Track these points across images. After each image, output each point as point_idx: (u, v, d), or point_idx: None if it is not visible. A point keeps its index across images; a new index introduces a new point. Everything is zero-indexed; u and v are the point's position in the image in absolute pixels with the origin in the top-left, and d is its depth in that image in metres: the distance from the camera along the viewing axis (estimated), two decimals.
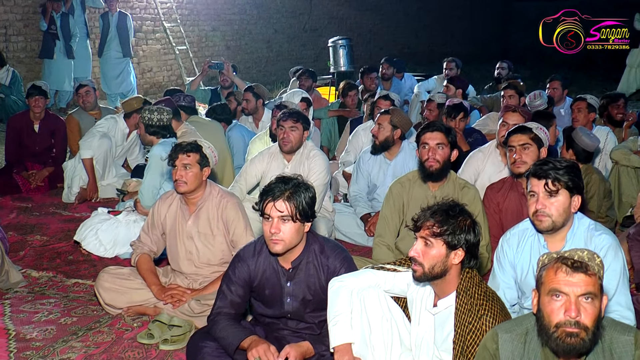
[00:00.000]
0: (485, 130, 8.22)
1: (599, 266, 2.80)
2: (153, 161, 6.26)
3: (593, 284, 2.76)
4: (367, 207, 6.55)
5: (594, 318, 2.76)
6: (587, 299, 2.75)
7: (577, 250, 2.84)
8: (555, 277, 2.80)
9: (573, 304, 2.75)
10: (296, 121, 6.13)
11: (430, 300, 3.59)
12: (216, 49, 16.83)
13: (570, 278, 2.76)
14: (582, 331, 2.75)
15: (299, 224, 3.82)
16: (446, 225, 3.37)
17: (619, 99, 8.35)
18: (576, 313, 2.74)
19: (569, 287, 2.76)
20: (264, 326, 4.14)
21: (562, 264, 2.80)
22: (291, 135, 6.14)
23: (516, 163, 5.12)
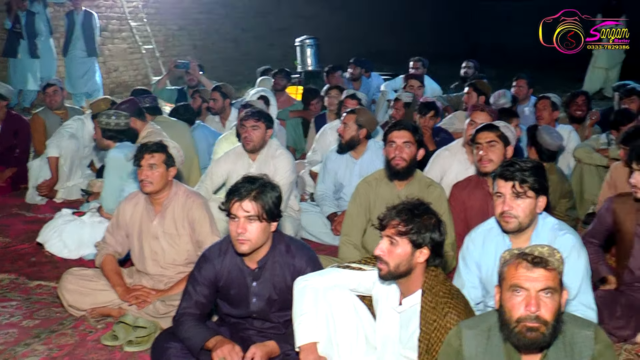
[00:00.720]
0: (452, 129, 8.25)
1: (559, 261, 2.84)
2: (110, 165, 6.17)
3: (553, 279, 2.80)
4: (334, 206, 6.55)
5: (554, 312, 2.80)
6: (547, 294, 2.78)
7: (537, 246, 2.88)
8: (516, 272, 2.83)
9: (533, 299, 2.78)
10: (257, 120, 6.11)
11: (395, 298, 3.60)
12: (183, 49, 16.75)
13: (531, 273, 2.79)
14: (542, 325, 2.78)
15: (266, 223, 3.81)
16: (411, 224, 3.39)
17: (579, 95, 8.44)
18: (536, 308, 2.77)
19: (529, 283, 2.79)
20: (230, 326, 4.13)
21: (522, 259, 2.83)
22: (253, 134, 6.12)
23: (482, 161, 5.15)
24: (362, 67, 11.65)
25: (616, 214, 4.67)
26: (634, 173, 4.43)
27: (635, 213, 4.54)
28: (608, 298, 4.54)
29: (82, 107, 11.18)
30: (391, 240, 3.40)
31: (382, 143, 5.74)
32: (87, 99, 12.67)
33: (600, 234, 4.89)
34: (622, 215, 4.63)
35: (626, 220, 4.61)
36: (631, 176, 4.47)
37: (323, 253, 5.90)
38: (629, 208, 4.60)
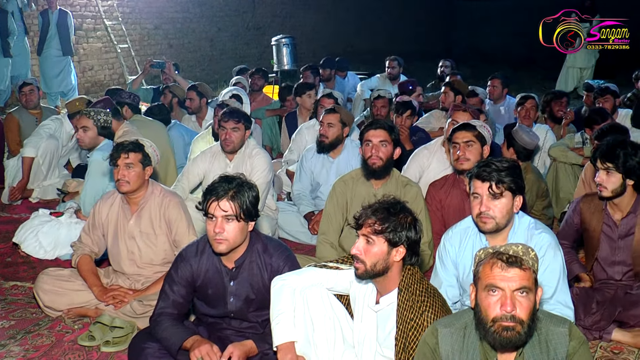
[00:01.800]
0: (429, 128, 8.29)
1: (534, 260, 2.86)
2: (93, 168, 6.14)
3: (527, 278, 2.82)
4: (311, 206, 6.55)
5: (529, 311, 2.82)
6: (522, 293, 2.80)
7: (512, 245, 2.89)
8: (491, 272, 2.85)
9: (509, 299, 2.79)
10: (238, 121, 6.10)
11: (372, 297, 3.61)
12: (158, 48, 16.67)
13: (505, 273, 2.81)
14: (518, 325, 2.80)
15: (243, 223, 3.82)
16: (387, 222, 3.40)
17: (563, 96, 8.52)
18: (511, 307, 2.79)
19: (504, 282, 2.81)
20: (207, 326, 4.12)
21: (497, 259, 2.85)
22: (233, 135, 6.11)
23: (459, 160, 5.18)
24: (332, 68, 11.64)
25: (583, 213, 4.73)
26: (598, 172, 4.49)
27: (600, 212, 4.60)
28: (583, 295, 4.59)
29: (56, 107, 11.10)
30: (367, 239, 3.41)
31: (359, 142, 5.76)
32: (61, 98, 12.60)
33: (570, 235, 4.95)
34: (589, 215, 4.69)
35: (592, 219, 4.67)
36: (596, 175, 4.53)
37: (300, 252, 5.92)
38: (595, 207, 4.67)
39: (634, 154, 4.43)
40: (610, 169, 4.40)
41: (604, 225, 4.59)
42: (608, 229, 4.58)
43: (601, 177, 4.46)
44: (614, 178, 4.42)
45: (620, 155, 4.38)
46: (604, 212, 4.60)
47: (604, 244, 4.62)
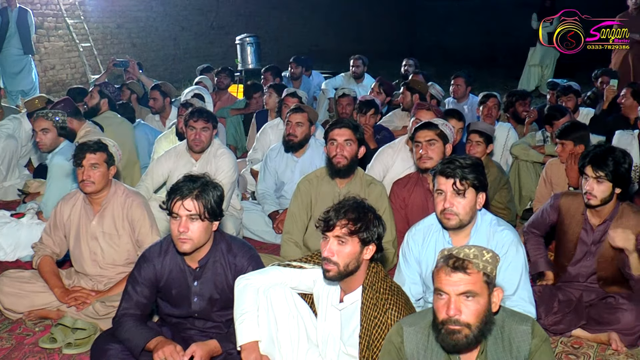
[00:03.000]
0: (391, 126, 8.32)
1: (487, 262, 2.86)
2: (55, 172, 6.05)
3: (473, 283, 2.82)
4: (275, 205, 6.54)
5: (478, 315, 2.83)
6: (467, 297, 2.81)
7: (465, 247, 2.90)
8: (438, 276, 2.87)
9: (453, 303, 2.81)
10: (207, 121, 6.09)
11: (336, 296, 3.62)
12: (122, 47, 16.52)
13: (450, 278, 2.83)
14: (465, 328, 2.82)
15: (207, 222, 3.81)
16: (360, 222, 3.41)
17: (527, 97, 8.61)
18: (455, 311, 2.81)
19: (449, 287, 2.83)
20: (171, 326, 4.10)
21: (444, 263, 2.86)
22: (203, 135, 6.10)
23: (422, 158, 5.21)
24: (302, 66, 11.66)
25: (562, 213, 4.72)
26: (587, 179, 4.41)
27: (580, 216, 4.59)
28: (546, 293, 4.64)
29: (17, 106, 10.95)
30: (340, 241, 3.42)
31: (323, 141, 5.76)
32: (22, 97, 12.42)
33: (543, 226, 4.96)
34: (569, 217, 4.68)
35: (572, 222, 4.66)
36: (585, 182, 4.44)
37: (265, 251, 5.92)
38: (575, 210, 4.64)
39: (623, 161, 4.39)
40: (601, 177, 4.36)
41: (582, 231, 4.58)
42: (584, 233, 4.58)
43: (591, 185, 4.39)
44: (604, 187, 4.38)
45: (610, 164, 4.34)
46: (583, 217, 4.58)
47: (580, 249, 4.63)
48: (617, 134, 7.10)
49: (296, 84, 11.30)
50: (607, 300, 4.54)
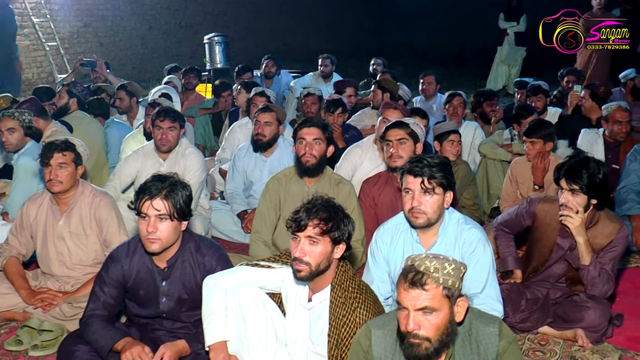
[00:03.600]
0: (361, 125, 8.35)
1: (449, 275, 2.82)
2: (21, 172, 5.98)
3: (432, 298, 2.79)
4: (244, 204, 6.53)
5: (437, 329, 2.82)
6: (426, 313, 2.80)
7: (427, 259, 2.85)
8: (398, 289, 2.86)
9: (411, 319, 2.80)
10: (174, 121, 6.07)
11: (305, 295, 3.62)
12: (89, 46, 16.38)
13: (407, 294, 2.81)
14: (425, 341, 2.81)
15: (176, 222, 3.80)
16: (331, 221, 3.42)
17: (494, 97, 8.67)
18: (414, 326, 2.80)
19: (407, 302, 2.81)
20: (139, 327, 4.08)
21: (403, 277, 2.84)
22: (169, 135, 6.07)
23: (393, 157, 5.23)
24: (278, 65, 11.64)
25: (538, 219, 4.71)
26: (562, 192, 4.41)
27: (557, 223, 4.56)
28: (513, 291, 4.67)
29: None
30: (312, 241, 3.42)
31: (291, 140, 5.76)
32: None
33: (515, 228, 4.96)
34: (544, 225, 4.67)
35: (547, 230, 4.65)
36: (560, 194, 4.43)
37: (233, 251, 5.91)
38: (552, 217, 4.62)
39: (598, 172, 4.37)
40: (575, 190, 4.35)
41: (559, 238, 4.58)
42: (561, 240, 4.57)
43: (566, 197, 4.38)
44: (579, 199, 4.36)
45: (585, 176, 4.32)
46: (561, 224, 4.55)
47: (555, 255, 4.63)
48: (582, 133, 7.20)
49: (268, 83, 11.28)
50: (573, 298, 4.58)
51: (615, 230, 4.43)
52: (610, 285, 4.45)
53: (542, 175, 6.05)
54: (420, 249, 3.97)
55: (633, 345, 4.51)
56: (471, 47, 20.44)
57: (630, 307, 5.04)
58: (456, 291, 2.86)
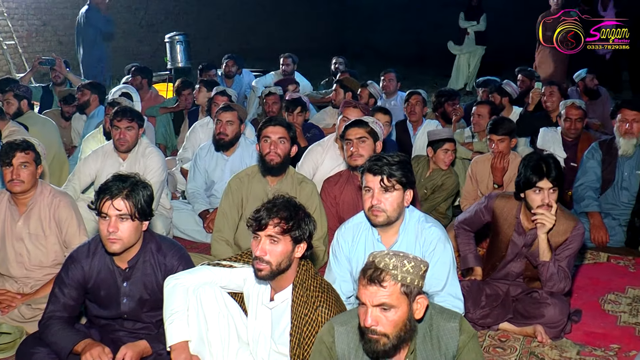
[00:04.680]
0: (322, 124, 8.37)
1: (408, 273, 2.84)
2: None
3: (390, 295, 2.82)
4: (206, 204, 6.51)
5: (395, 325, 2.84)
6: (384, 309, 2.83)
7: (387, 256, 2.87)
8: (359, 285, 2.88)
9: (369, 315, 2.83)
10: (131, 120, 6.02)
11: (267, 294, 3.63)
12: (48, 44, 16.16)
13: (366, 290, 2.84)
14: (383, 337, 2.84)
15: (137, 222, 3.78)
16: (292, 221, 3.43)
17: (455, 97, 8.73)
18: (372, 322, 2.83)
19: (365, 298, 2.84)
20: (99, 328, 4.04)
21: (362, 274, 2.87)
22: (127, 135, 6.02)
23: (353, 156, 5.24)
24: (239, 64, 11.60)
25: (495, 215, 4.75)
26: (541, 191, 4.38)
27: (513, 218, 4.63)
28: (474, 288, 4.71)
29: None
30: (272, 240, 3.42)
31: (253, 139, 5.76)
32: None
33: (475, 225, 5.01)
34: (502, 219, 4.71)
35: (504, 225, 4.70)
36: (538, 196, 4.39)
37: (195, 251, 5.90)
38: (509, 212, 4.67)
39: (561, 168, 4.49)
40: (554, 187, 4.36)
41: (514, 234, 4.62)
42: (517, 236, 4.62)
43: (551, 196, 4.36)
44: (555, 195, 4.40)
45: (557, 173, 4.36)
46: (516, 220, 4.62)
47: (511, 251, 4.68)
48: (542, 131, 7.28)
49: (229, 82, 11.25)
50: (533, 295, 4.63)
51: (570, 227, 4.49)
52: (567, 282, 4.51)
53: (502, 174, 6.11)
54: (381, 247, 3.99)
55: (591, 340, 4.58)
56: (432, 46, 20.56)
57: (588, 303, 5.13)
58: (415, 289, 2.88)
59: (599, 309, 5.08)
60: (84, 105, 8.50)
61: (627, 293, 5.35)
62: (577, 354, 4.41)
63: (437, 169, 6.37)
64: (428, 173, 6.42)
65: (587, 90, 9.64)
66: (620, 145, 6.13)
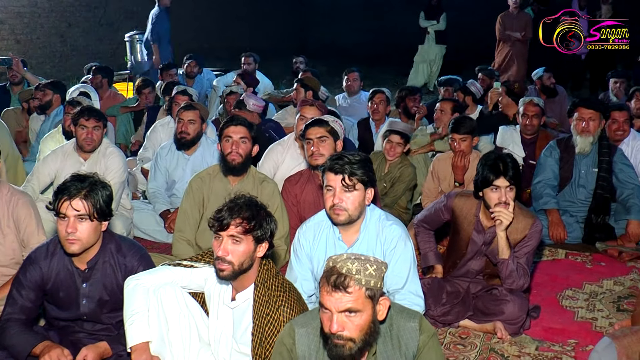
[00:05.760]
0: (284, 123, 8.37)
1: (371, 276, 2.85)
2: None
3: (355, 300, 2.82)
4: (167, 204, 6.47)
5: (361, 329, 2.85)
6: (350, 314, 2.83)
7: (349, 260, 2.87)
8: (321, 291, 2.88)
9: (335, 321, 2.83)
10: (99, 120, 5.99)
11: (228, 294, 3.62)
12: (5, 43, 15.94)
13: (330, 297, 2.83)
14: (349, 342, 2.84)
15: (97, 222, 3.75)
16: (254, 220, 3.43)
17: (416, 92, 8.80)
18: (338, 328, 2.83)
19: (330, 304, 2.84)
20: (59, 330, 4.00)
21: (325, 280, 2.86)
22: (94, 134, 5.98)
23: (314, 155, 5.24)
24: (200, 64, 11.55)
25: (455, 213, 4.79)
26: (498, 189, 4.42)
27: (473, 217, 4.68)
28: (434, 286, 4.75)
29: None
30: (234, 240, 3.42)
31: (214, 139, 5.74)
32: None
33: (435, 223, 5.05)
34: (461, 218, 4.75)
35: (464, 223, 4.74)
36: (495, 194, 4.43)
37: (156, 251, 5.86)
38: (468, 210, 4.72)
39: (518, 166, 4.55)
40: (511, 185, 4.41)
41: (474, 232, 4.67)
42: (476, 234, 4.66)
43: (508, 194, 4.41)
44: (512, 193, 4.44)
45: (513, 171, 4.41)
46: (476, 218, 4.67)
47: (471, 249, 4.72)
48: (501, 130, 7.38)
49: (190, 82, 11.19)
50: (493, 292, 4.68)
51: (528, 225, 4.55)
52: (526, 279, 4.58)
53: (463, 173, 6.16)
54: (343, 246, 4.01)
55: (549, 335, 4.65)
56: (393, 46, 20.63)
57: (546, 299, 5.20)
58: (378, 291, 2.89)
59: (557, 305, 5.15)
60: (46, 105, 8.40)
61: (584, 289, 5.44)
62: (535, 349, 4.47)
63: (394, 163, 6.48)
64: (386, 168, 6.48)
65: (545, 89, 9.78)
66: (577, 143, 6.22)
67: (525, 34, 12.98)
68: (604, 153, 6.18)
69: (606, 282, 5.56)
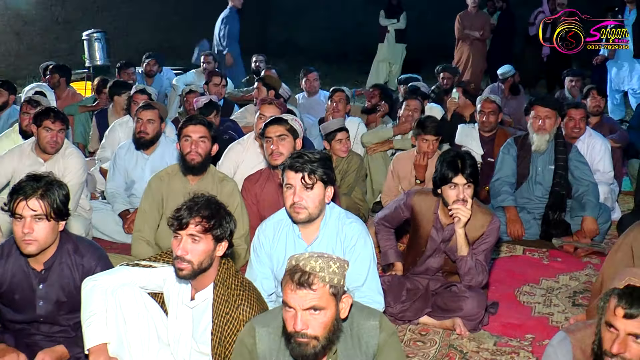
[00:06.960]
0: (243, 122, 8.34)
1: (334, 273, 2.86)
2: None
3: (319, 298, 2.83)
4: (126, 204, 6.42)
5: (325, 327, 2.86)
6: (314, 312, 2.84)
7: (312, 258, 2.88)
8: (285, 290, 2.88)
9: (299, 319, 2.83)
10: (63, 122, 5.92)
11: (187, 294, 3.61)
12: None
13: (295, 294, 2.83)
14: (312, 340, 2.85)
15: (53, 222, 3.71)
16: (213, 219, 3.42)
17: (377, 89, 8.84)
18: (302, 326, 2.83)
19: (294, 302, 2.84)
20: (14, 333, 3.94)
21: (289, 278, 2.86)
22: (59, 137, 5.90)
23: (273, 154, 5.23)
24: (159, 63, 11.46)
25: (414, 211, 4.82)
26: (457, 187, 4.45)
27: (432, 215, 4.71)
28: (394, 283, 4.78)
29: None
30: (194, 239, 3.41)
31: (173, 138, 5.71)
32: None
33: (395, 221, 5.07)
34: (420, 215, 4.78)
35: (423, 220, 4.77)
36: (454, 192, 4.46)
37: (115, 251, 5.82)
38: (427, 208, 4.74)
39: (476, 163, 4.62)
40: (469, 182, 4.45)
41: (432, 229, 4.70)
42: (435, 232, 4.69)
43: (466, 191, 4.44)
44: (470, 190, 4.47)
45: (471, 169, 4.45)
46: (435, 216, 4.70)
47: (430, 246, 4.75)
48: (460, 128, 7.46)
49: (150, 81, 11.10)
50: (452, 288, 4.72)
51: (486, 222, 4.60)
52: (484, 276, 4.63)
53: (424, 171, 6.20)
54: (303, 244, 4.02)
55: (507, 331, 4.71)
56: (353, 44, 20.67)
57: (504, 295, 5.27)
58: (341, 288, 2.90)
59: (515, 301, 5.23)
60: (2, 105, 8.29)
61: (541, 284, 5.52)
62: (494, 344, 4.52)
63: (339, 158, 6.54)
64: (334, 162, 6.51)
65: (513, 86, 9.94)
66: (534, 141, 6.29)
67: (484, 33, 13.12)
68: (560, 151, 6.26)
69: (562, 277, 5.65)
